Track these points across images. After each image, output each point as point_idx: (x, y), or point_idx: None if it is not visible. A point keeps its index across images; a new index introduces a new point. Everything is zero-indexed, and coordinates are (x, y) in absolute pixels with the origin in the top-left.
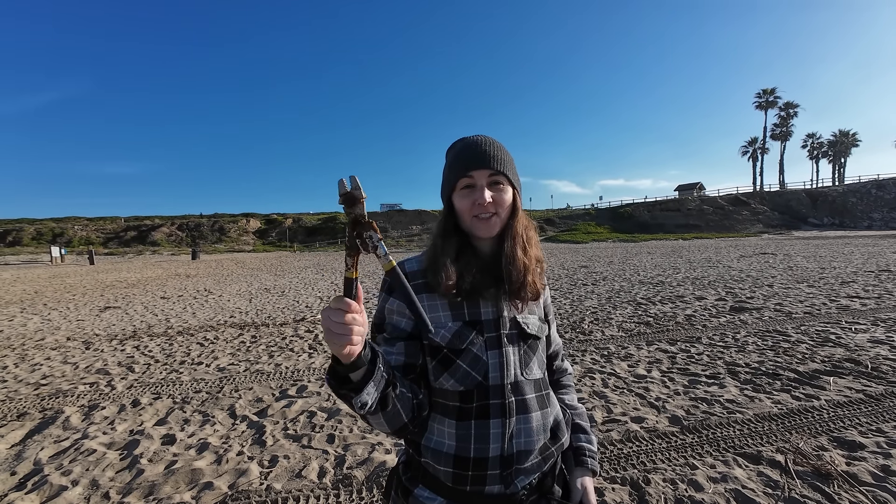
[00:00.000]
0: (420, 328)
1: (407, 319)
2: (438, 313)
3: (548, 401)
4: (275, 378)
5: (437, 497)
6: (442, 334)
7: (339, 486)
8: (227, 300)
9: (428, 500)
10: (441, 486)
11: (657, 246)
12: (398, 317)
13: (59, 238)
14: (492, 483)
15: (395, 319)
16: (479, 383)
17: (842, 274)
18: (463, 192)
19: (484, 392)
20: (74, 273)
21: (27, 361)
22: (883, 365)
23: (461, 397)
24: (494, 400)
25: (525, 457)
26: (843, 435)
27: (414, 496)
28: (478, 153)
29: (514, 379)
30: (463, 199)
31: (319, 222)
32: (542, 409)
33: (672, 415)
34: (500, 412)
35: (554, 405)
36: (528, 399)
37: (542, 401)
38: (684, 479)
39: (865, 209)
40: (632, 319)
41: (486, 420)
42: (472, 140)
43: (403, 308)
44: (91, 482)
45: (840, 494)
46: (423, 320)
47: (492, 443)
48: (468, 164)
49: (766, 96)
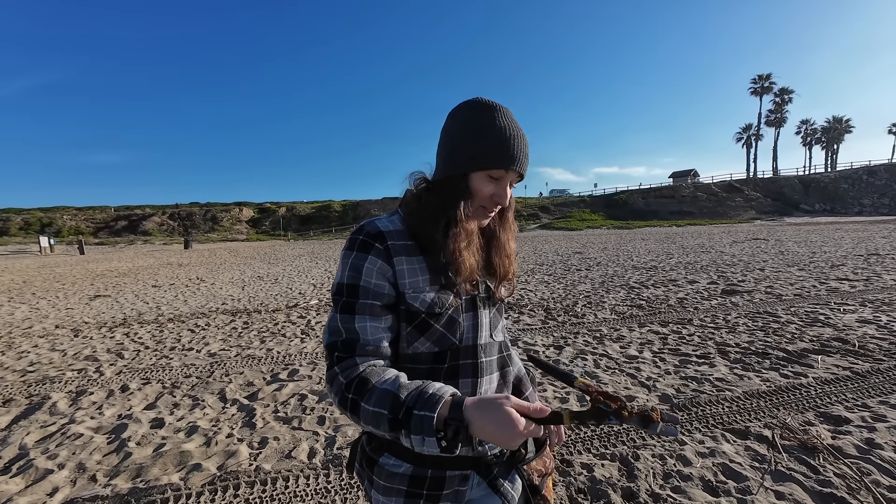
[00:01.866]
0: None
1: (389, 284)
2: (417, 277)
3: (509, 360)
4: (266, 363)
5: (403, 464)
6: (421, 299)
7: (329, 466)
8: (219, 288)
9: (394, 468)
10: (407, 452)
11: (651, 232)
12: (378, 281)
13: (47, 228)
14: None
15: (375, 285)
16: (452, 344)
17: (832, 258)
18: (487, 178)
19: (456, 353)
20: (64, 263)
21: (14, 349)
22: (870, 343)
23: (434, 358)
24: (465, 360)
25: None
26: (829, 410)
27: (379, 465)
28: (520, 153)
29: (486, 340)
30: (485, 184)
31: (313, 211)
32: (503, 367)
33: (662, 393)
34: (470, 372)
35: (516, 363)
36: (495, 359)
37: (503, 361)
38: (673, 455)
39: (856, 195)
40: (624, 303)
41: (456, 380)
42: (516, 130)
43: (386, 270)
44: (78, 465)
45: (825, 467)
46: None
47: None
48: (510, 161)
49: (761, 82)
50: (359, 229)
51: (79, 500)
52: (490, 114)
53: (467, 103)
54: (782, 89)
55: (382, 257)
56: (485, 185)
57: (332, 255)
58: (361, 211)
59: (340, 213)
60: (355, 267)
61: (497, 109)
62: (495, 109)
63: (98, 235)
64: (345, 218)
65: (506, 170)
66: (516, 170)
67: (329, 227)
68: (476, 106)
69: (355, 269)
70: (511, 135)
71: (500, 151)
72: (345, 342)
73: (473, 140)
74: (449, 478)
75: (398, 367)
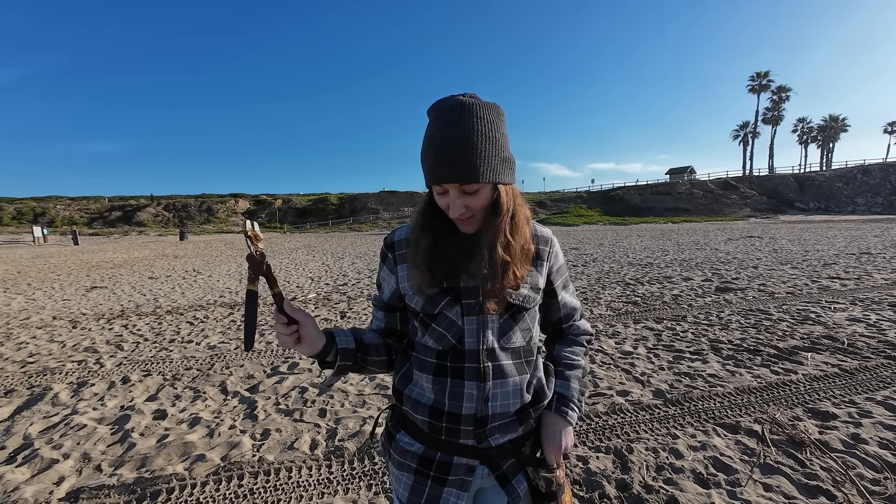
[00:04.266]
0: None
1: (388, 289)
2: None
3: (528, 367)
4: (266, 355)
5: (415, 443)
6: (416, 300)
7: (331, 457)
8: (216, 280)
9: (407, 446)
10: (419, 433)
11: (647, 229)
12: (386, 286)
13: (40, 218)
14: (465, 437)
15: (385, 288)
16: (453, 346)
17: (824, 256)
18: (438, 189)
19: (459, 355)
20: (58, 253)
21: (12, 340)
22: (858, 341)
23: (438, 355)
24: (470, 364)
25: (500, 418)
26: (817, 406)
27: (396, 441)
28: (449, 162)
29: (490, 346)
30: (438, 197)
31: (310, 203)
32: (521, 374)
33: (656, 388)
34: (475, 375)
35: (537, 371)
36: (504, 365)
37: (521, 367)
38: (665, 448)
39: (850, 194)
40: (620, 299)
41: (461, 380)
42: (447, 135)
43: (387, 277)
44: (83, 455)
45: (812, 460)
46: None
47: (465, 402)
48: (438, 175)
49: (759, 79)
50: (387, 235)
51: (85, 489)
52: (430, 122)
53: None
54: (780, 87)
55: (390, 266)
56: (439, 199)
57: (329, 249)
58: (358, 204)
59: (337, 205)
60: (378, 272)
61: (436, 113)
62: (435, 113)
63: (92, 226)
64: (341, 211)
65: (437, 185)
66: (449, 181)
67: (326, 219)
68: (429, 112)
69: (378, 274)
70: (441, 143)
71: (428, 167)
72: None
73: (421, 153)
74: (455, 465)
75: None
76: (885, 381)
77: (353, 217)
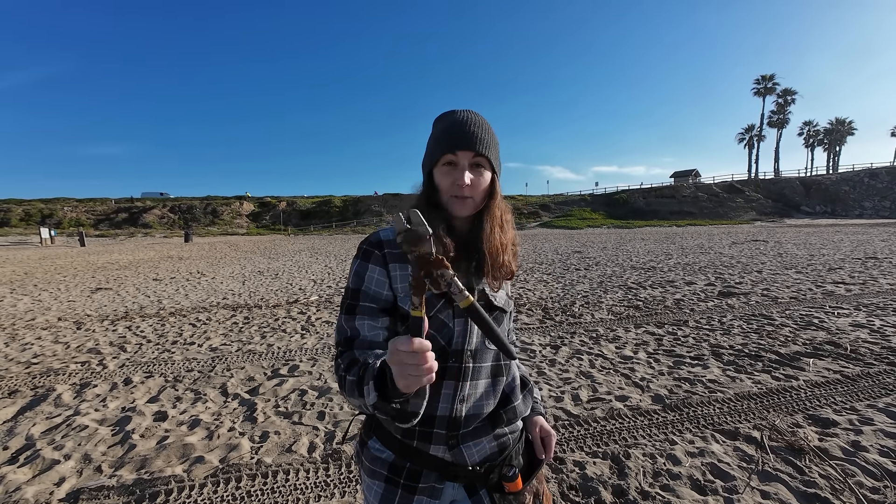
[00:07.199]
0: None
1: (387, 291)
2: (407, 283)
3: (504, 369)
4: (267, 358)
5: (385, 450)
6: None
7: (329, 460)
8: (220, 282)
9: (378, 453)
10: (391, 441)
11: (651, 232)
12: (377, 287)
13: (48, 219)
14: (437, 442)
15: (375, 290)
16: (441, 347)
17: (830, 261)
18: (444, 168)
19: (443, 355)
20: (65, 255)
21: (17, 341)
22: (861, 348)
23: None
24: (452, 363)
25: (472, 420)
26: (818, 413)
27: (368, 447)
28: (465, 133)
29: (476, 346)
30: (444, 175)
31: (314, 206)
32: (496, 376)
33: (655, 394)
34: (454, 375)
35: (510, 373)
36: (484, 366)
37: (497, 369)
38: (663, 454)
39: (857, 198)
40: (622, 303)
41: (440, 381)
42: (461, 117)
43: (380, 276)
44: (83, 456)
45: (811, 468)
46: (502, 344)
47: (441, 402)
48: (454, 142)
49: (764, 83)
50: (365, 239)
51: (85, 490)
52: (439, 121)
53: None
54: (785, 90)
55: (380, 263)
56: (444, 177)
57: (333, 251)
58: (362, 206)
59: (341, 208)
60: (358, 273)
61: (444, 114)
62: (443, 115)
63: (98, 227)
64: (345, 213)
65: (454, 152)
66: (464, 147)
67: (329, 222)
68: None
69: (358, 275)
70: (455, 122)
71: (445, 138)
72: (347, 339)
73: (430, 142)
74: (425, 473)
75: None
76: (888, 388)
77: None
